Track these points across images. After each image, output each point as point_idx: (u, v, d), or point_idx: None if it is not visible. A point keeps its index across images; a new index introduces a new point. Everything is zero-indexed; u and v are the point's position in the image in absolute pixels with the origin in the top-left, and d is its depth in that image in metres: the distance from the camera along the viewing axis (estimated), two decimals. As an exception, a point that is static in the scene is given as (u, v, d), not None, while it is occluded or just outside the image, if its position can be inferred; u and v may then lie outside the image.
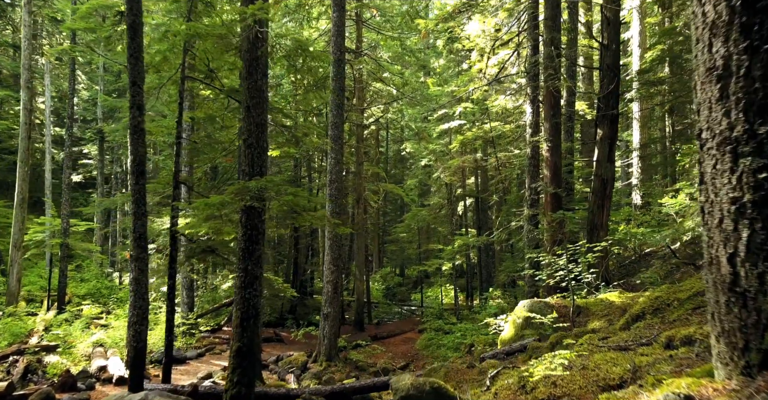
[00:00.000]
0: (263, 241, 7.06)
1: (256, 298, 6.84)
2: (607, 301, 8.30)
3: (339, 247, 14.52)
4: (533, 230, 12.92)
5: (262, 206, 6.68)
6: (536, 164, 13.50)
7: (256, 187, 6.55)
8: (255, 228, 6.90)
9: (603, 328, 6.82)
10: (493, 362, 7.37)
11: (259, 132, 7.06)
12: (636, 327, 5.16)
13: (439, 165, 25.64)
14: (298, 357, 13.87)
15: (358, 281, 21.70)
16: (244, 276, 6.84)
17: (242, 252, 6.88)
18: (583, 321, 7.89)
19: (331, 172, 14.48)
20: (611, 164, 12.22)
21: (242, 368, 6.58)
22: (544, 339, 7.97)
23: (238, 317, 6.73)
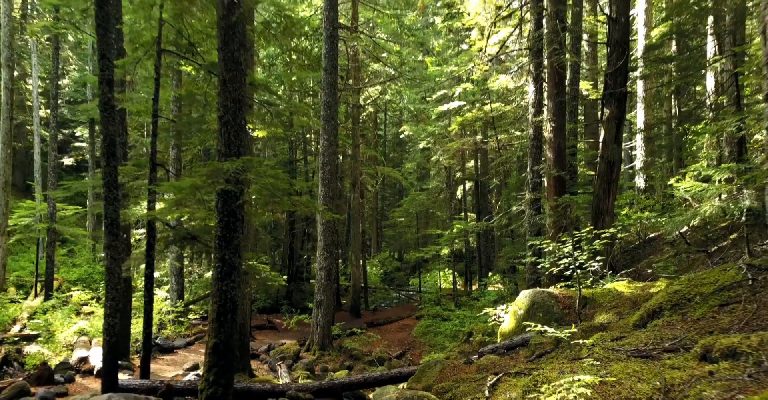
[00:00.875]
0: (242, 228, 6.46)
1: (234, 290, 6.26)
2: (615, 291, 7.74)
3: (333, 233, 13.94)
4: (535, 215, 12.32)
5: (239, 189, 6.06)
6: (539, 146, 12.84)
7: (231, 169, 5.93)
8: (233, 214, 6.30)
9: (613, 323, 6.25)
10: (492, 358, 6.84)
11: (236, 108, 6.41)
12: (654, 326, 4.58)
13: (438, 148, 24.96)
14: (290, 346, 13.38)
15: (354, 267, 21.19)
16: (221, 267, 6.25)
17: (219, 240, 6.28)
18: (590, 313, 7.33)
19: (324, 155, 13.83)
20: (618, 146, 11.58)
21: (219, 367, 6.03)
22: (548, 333, 7.43)
23: (214, 311, 6.16)
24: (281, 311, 23.24)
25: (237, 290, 6.35)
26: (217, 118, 6.46)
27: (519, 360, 6.55)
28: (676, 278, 8.37)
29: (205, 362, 6.13)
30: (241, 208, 6.43)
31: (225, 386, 6.03)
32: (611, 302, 7.40)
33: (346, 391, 7.67)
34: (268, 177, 6.20)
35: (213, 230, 8.76)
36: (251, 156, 11.29)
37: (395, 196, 41.45)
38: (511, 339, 7.41)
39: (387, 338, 17.47)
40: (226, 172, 5.96)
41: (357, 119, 21.34)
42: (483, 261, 26.35)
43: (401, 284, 30.91)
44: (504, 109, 20.02)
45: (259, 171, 6.04)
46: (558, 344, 6.27)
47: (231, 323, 6.24)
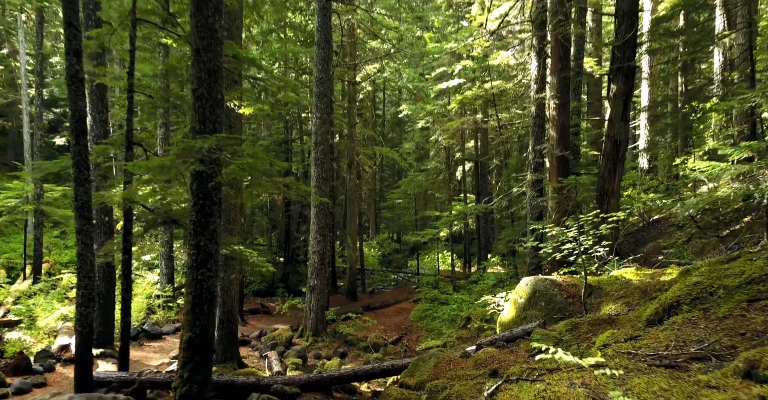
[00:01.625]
0: (219, 212, 5.92)
1: (210, 279, 5.75)
2: (622, 279, 7.24)
3: (326, 215, 13.42)
4: (537, 197, 11.78)
5: (213, 170, 5.51)
6: (541, 124, 12.24)
7: (204, 147, 5.36)
8: (208, 197, 5.75)
9: (622, 315, 5.76)
10: (491, 352, 6.36)
11: (211, 81, 5.82)
12: (672, 323, 4.08)
13: (437, 127, 24.30)
14: (283, 332, 12.97)
15: (350, 250, 20.74)
16: (196, 254, 5.73)
17: (194, 225, 5.75)
18: (596, 303, 6.85)
19: (317, 134, 13.23)
20: (625, 124, 10.97)
21: (194, 363, 5.55)
22: (551, 323, 6.96)
23: (189, 302, 5.66)
24: (277, 294, 22.85)
25: (214, 279, 5.84)
26: (190, 91, 5.87)
27: (520, 354, 6.07)
28: (688, 265, 7.88)
29: (179, 357, 5.65)
30: (218, 190, 5.89)
31: (201, 384, 5.56)
32: (619, 290, 6.90)
33: (336, 384, 7.23)
34: (246, 156, 5.63)
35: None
36: (238, 135, 10.71)
37: (394, 177, 40.83)
38: (511, 330, 6.94)
39: (383, 322, 17.09)
40: (198, 151, 5.40)
41: (353, 97, 20.65)
42: (482, 243, 25.91)
43: (399, 266, 30.55)
44: (505, 87, 19.34)
45: (236, 150, 5.48)
46: (562, 338, 5.79)
47: (208, 314, 5.75)
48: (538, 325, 6.67)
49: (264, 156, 5.71)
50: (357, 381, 7.34)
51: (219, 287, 10.19)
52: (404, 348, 14.07)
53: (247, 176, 5.76)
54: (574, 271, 8.61)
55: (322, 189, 13.17)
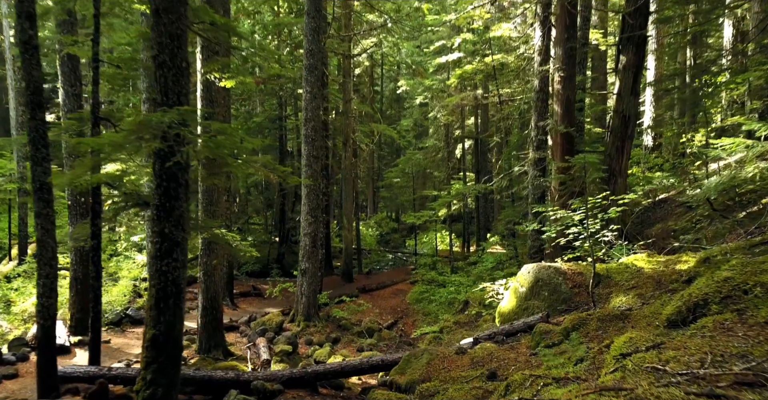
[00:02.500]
0: (186, 195, 5.28)
1: (177, 271, 5.15)
2: (633, 267, 6.64)
3: (317, 196, 12.78)
4: (539, 177, 11.13)
5: (173, 148, 4.84)
6: (544, 99, 11.50)
7: (165, 122, 4.69)
8: (173, 178, 5.11)
9: (636, 310, 5.17)
10: (489, 348, 5.81)
11: (174, 46, 5.11)
12: (701, 328, 3.47)
13: (435, 103, 23.49)
14: (273, 317, 12.46)
15: (346, 230, 20.16)
16: (160, 242, 5.11)
17: (157, 210, 5.12)
18: (604, 294, 6.26)
19: (307, 109, 12.50)
20: (635, 98, 10.28)
21: (159, 364, 4.99)
22: (555, 316, 6.39)
23: (152, 296, 5.07)
24: (271, 274, 22.38)
25: (181, 270, 5.23)
26: (150, 58, 5.17)
27: (521, 352, 5.52)
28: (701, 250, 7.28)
29: (142, 357, 5.08)
30: (185, 171, 5.23)
31: (167, 387, 5.00)
32: (630, 280, 6.31)
33: (321, 380, 6.70)
34: (215, 132, 4.96)
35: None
36: (222, 110, 10.01)
37: (392, 156, 40.03)
38: (512, 323, 6.37)
39: (379, 304, 16.61)
40: (157, 127, 4.73)
41: (348, 72, 19.80)
42: (482, 222, 25.33)
43: (397, 246, 30.06)
44: (506, 60, 18.48)
45: (203, 125, 4.81)
46: (568, 335, 5.21)
47: (174, 309, 5.15)
48: (541, 318, 6.10)
49: (235, 132, 5.04)
50: (343, 377, 6.81)
51: (202, 272, 9.64)
52: (399, 333, 13.60)
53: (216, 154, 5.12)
54: (578, 257, 8.02)
55: (313, 168, 12.51)
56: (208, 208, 9.53)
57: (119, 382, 6.86)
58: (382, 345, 12.27)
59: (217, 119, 9.59)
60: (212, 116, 9.50)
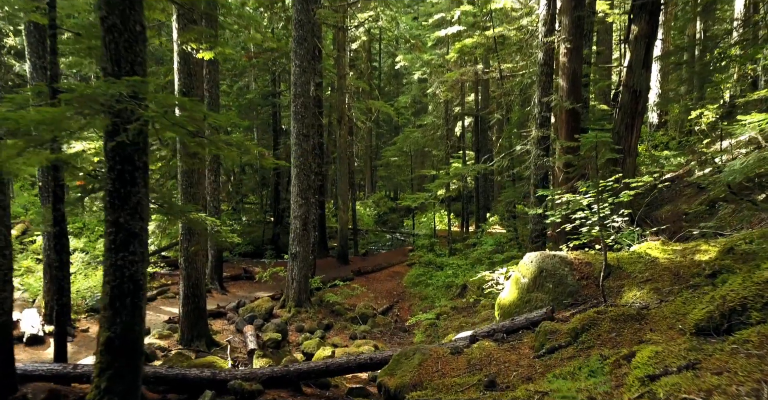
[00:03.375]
0: (145, 179, 4.65)
1: (135, 265, 4.55)
2: (647, 256, 6.04)
3: (308, 176, 12.13)
4: (542, 156, 10.46)
5: (118, 125, 4.18)
6: (549, 73, 10.74)
7: (114, 94, 4.03)
8: (129, 161, 4.47)
9: (653, 308, 4.58)
10: (488, 347, 5.24)
11: (125, 7, 4.41)
12: (743, 342, 2.88)
13: (434, 79, 22.62)
14: (262, 303, 11.93)
15: (341, 211, 19.56)
16: (114, 233, 4.50)
17: (110, 197, 4.49)
18: (615, 287, 5.67)
19: (296, 85, 11.75)
20: (647, 71, 9.56)
21: (115, 370, 4.43)
22: (560, 310, 5.81)
23: (107, 294, 4.48)
24: (265, 255, 21.85)
25: (140, 264, 4.63)
26: (98, 20, 4.47)
27: (523, 353, 4.95)
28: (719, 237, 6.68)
29: (96, 362, 4.51)
30: (143, 152, 4.59)
31: (124, 395, 4.44)
32: (643, 271, 5.72)
33: (304, 379, 6.17)
34: (174, 108, 4.30)
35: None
36: (200, 84, 9.29)
37: (391, 134, 39.17)
38: (513, 319, 5.80)
39: (374, 288, 16.11)
40: (105, 100, 4.06)
41: (343, 45, 18.93)
42: (481, 202, 24.72)
43: (395, 226, 29.51)
44: (507, 34, 17.61)
45: (158, 99, 4.14)
46: (576, 337, 4.64)
47: (132, 309, 4.56)
48: (545, 313, 5.52)
49: (199, 108, 4.37)
50: (329, 376, 6.28)
51: (183, 259, 9.06)
52: (395, 318, 13.12)
53: (175, 133, 4.47)
54: (585, 244, 7.41)
55: (303, 147, 11.84)
56: (187, 190, 8.90)
57: (86, 381, 6.33)
58: (376, 332, 11.79)
59: (196, 94, 8.89)
60: (191, 91, 8.81)
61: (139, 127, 4.06)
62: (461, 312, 11.80)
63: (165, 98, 4.40)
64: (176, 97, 4.54)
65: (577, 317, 4.86)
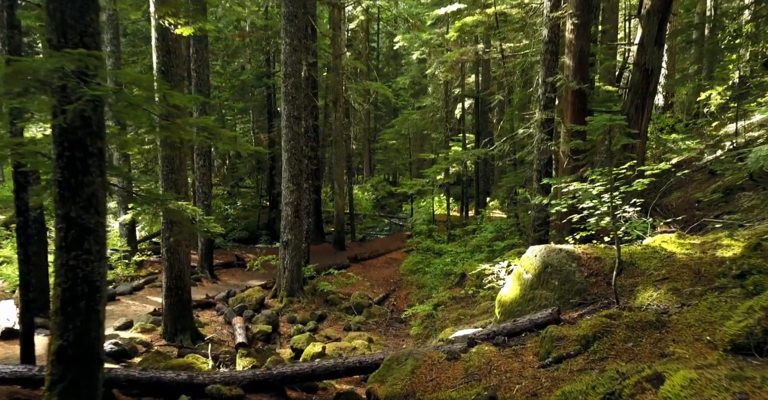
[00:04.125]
0: (101, 167, 4.10)
1: (90, 264, 4.03)
2: (662, 251, 5.52)
3: (299, 161, 11.56)
4: (546, 140, 9.87)
5: (58, 105, 3.62)
6: (554, 51, 10.11)
7: (49, 69, 3.46)
8: (80, 146, 3.92)
9: (674, 312, 4.07)
10: (487, 352, 4.75)
11: (72, -32, 3.83)
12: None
13: (434, 59, 21.88)
14: (253, 293, 11.47)
15: (338, 196, 19.02)
16: (65, 229, 3.97)
17: (59, 188, 3.95)
18: (628, 286, 5.16)
19: (286, 64, 11.12)
20: (659, 49, 8.94)
21: (68, 382, 3.94)
22: (567, 310, 5.31)
23: (58, 296, 3.98)
24: (260, 241, 21.40)
25: (97, 264, 4.10)
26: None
27: (527, 361, 4.46)
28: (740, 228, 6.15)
29: (46, 374, 4.01)
30: (97, 136, 4.03)
31: (79, 410, 3.96)
32: (659, 268, 5.20)
33: (288, 384, 5.70)
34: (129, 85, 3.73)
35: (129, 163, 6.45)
36: (180, 62, 8.68)
37: (390, 116, 38.36)
38: (515, 320, 5.30)
39: (371, 275, 15.66)
40: (44, 76, 3.49)
41: (338, 24, 18.20)
42: (481, 186, 24.16)
43: (393, 211, 28.98)
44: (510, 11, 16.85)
45: (104, 75, 3.57)
46: (587, 345, 4.14)
47: (88, 314, 4.06)
48: (551, 315, 5.02)
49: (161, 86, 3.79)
50: (315, 380, 5.81)
51: (165, 249, 8.55)
52: (391, 308, 12.68)
53: (129, 116, 3.92)
54: (592, 235, 6.89)
55: (294, 130, 11.25)
56: (168, 177, 8.36)
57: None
58: (371, 323, 11.35)
59: (177, 74, 8.28)
60: (170, 70, 8.20)
61: (80, 108, 3.49)
62: (460, 302, 11.34)
63: (122, 75, 3.81)
64: (130, 73, 3.98)
65: (588, 322, 4.36)
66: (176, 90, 8.32)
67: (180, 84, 8.31)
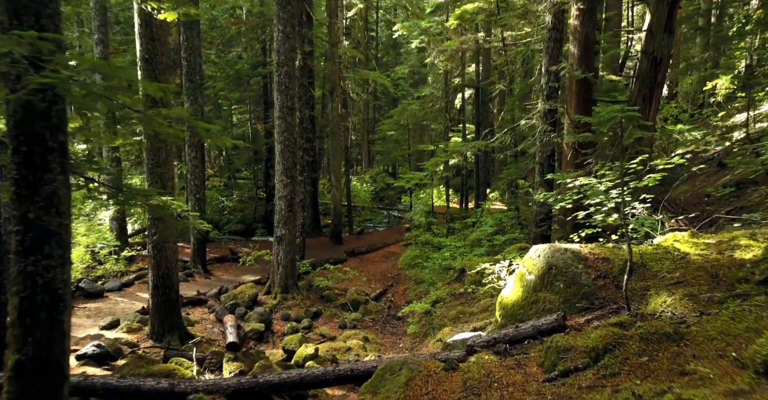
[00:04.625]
0: (64, 163, 3.72)
1: (51, 271, 3.66)
2: (674, 251, 5.16)
3: (293, 153, 11.16)
4: (549, 132, 9.48)
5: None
6: (558, 39, 9.69)
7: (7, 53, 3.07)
8: (38, 141, 3.54)
9: (692, 322, 3.71)
10: (487, 362, 4.41)
11: (25, -60, 3.43)
12: None
13: (433, 48, 21.38)
14: (246, 289, 11.13)
15: (335, 189, 18.64)
16: (23, 231, 3.60)
17: (15, 186, 3.57)
18: (639, 290, 4.80)
19: (279, 52, 10.69)
20: (669, 36, 8.49)
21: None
22: (573, 316, 4.96)
23: (15, 308, 3.61)
24: (256, 234, 21.04)
25: (60, 269, 3.74)
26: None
27: (530, 373, 4.11)
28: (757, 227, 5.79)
29: (3, 392, 3.65)
30: (58, 129, 3.65)
31: (41, 431, 3.61)
32: (672, 270, 4.84)
33: (276, 392, 5.37)
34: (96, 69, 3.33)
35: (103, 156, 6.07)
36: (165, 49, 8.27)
37: (390, 106, 37.86)
38: (517, 326, 4.95)
39: (368, 270, 15.33)
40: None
41: (335, 11, 17.70)
42: (481, 177, 23.75)
43: (392, 203, 28.60)
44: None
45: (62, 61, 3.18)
46: (597, 358, 3.78)
47: (49, 325, 3.69)
48: (556, 321, 4.67)
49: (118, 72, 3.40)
50: (303, 389, 5.47)
51: (151, 247, 8.20)
52: (388, 304, 12.36)
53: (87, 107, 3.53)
54: (598, 233, 6.52)
55: (287, 121, 10.84)
56: (154, 170, 7.97)
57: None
58: (367, 320, 11.04)
59: (162, 62, 7.87)
60: (154, 58, 7.79)
61: (26, 98, 3.11)
62: (459, 299, 11.01)
63: (82, 61, 3.43)
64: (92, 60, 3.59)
65: (597, 331, 4.00)
66: (162, 79, 7.94)
67: (165, 73, 7.89)
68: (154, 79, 7.77)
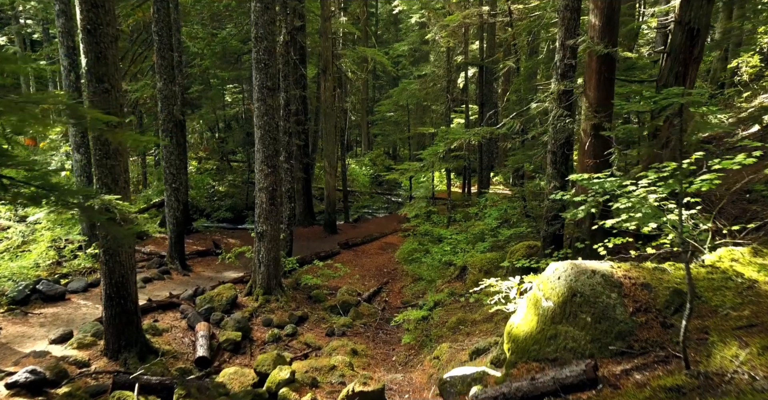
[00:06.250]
0: None
1: None
2: (736, 277, 4.00)
3: (275, 139, 9.95)
4: (565, 116, 8.23)
5: None
6: (575, 8, 8.35)
7: None
8: None
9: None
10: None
11: None
12: None
13: (434, 23, 19.94)
14: (224, 291, 10.03)
15: (328, 175, 17.46)
16: None
17: None
18: (694, 332, 3.66)
19: (257, 25, 9.40)
20: (709, 3, 7.20)
21: None
22: (606, 363, 3.82)
23: None
24: (246, 221, 19.94)
25: None
26: None
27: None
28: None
29: None
30: None
31: None
32: (738, 306, 3.69)
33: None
34: None
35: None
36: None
37: (391, 85, 36.36)
38: (533, 378, 3.81)
39: (362, 264, 14.25)
40: None
41: (326, -19, 16.27)
42: (485, 161, 22.46)
43: (392, 188, 27.43)
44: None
45: None
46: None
47: None
48: (584, 374, 3.53)
49: None
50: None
51: (102, 251, 7.07)
52: (382, 305, 11.30)
53: None
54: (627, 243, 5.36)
55: (267, 103, 9.61)
56: (102, 162, 6.80)
57: None
58: (358, 325, 9.98)
59: (106, 33, 6.63)
60: (97, 29, 6.55)
61: None
62: (459, 301, 9.95)
63: None
64: None
65: (644, 394, 2.87)
66: (108, 53, 6.71)
67: (113, 46, 6.66)
68: (98, 53, 6.55)
